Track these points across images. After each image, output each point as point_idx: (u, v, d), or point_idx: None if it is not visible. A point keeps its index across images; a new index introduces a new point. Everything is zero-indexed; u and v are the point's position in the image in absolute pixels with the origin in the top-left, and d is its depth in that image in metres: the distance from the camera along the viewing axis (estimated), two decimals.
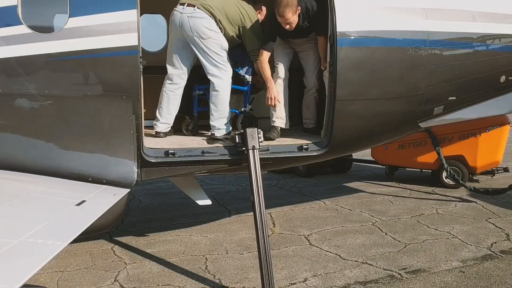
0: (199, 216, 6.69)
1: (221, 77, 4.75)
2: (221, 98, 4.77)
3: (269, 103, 4.91)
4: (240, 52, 5.17)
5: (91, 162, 3.92)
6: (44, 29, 3.84)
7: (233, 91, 5.16)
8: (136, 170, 4.08)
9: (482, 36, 5.01)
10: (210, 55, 4.69)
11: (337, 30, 4.44)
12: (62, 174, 3.83)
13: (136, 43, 3.98)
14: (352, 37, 4.49)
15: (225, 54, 4.79)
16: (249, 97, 5.38)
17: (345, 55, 4.47)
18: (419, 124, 5.07)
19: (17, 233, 1.90)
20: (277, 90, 4.93)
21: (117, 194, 3.46)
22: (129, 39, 3.96)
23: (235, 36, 4.92)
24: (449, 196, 7.57)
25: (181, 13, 4.67)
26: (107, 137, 3.98)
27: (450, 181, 7.99)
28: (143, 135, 4.22)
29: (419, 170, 8.83)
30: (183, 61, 4.90)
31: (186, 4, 4.68)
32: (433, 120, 5.08)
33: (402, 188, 8.30)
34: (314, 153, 4.71)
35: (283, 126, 5.08)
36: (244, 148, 4.37)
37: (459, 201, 7.23)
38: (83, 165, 3.89)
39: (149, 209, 7.28)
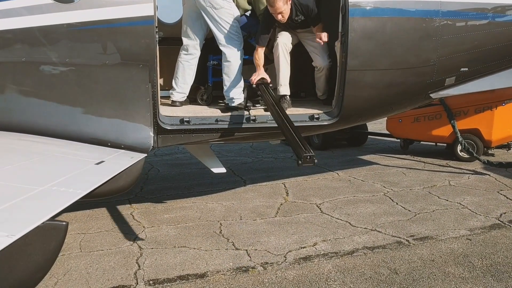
0: (215, 185, 6.90)
1: (233, 48, 4.86)
2: (233, 68, 4.88)
3: (252, 79, 4.86)
4: (254, 22, 5.25)
5: (110, 128, 4.11)
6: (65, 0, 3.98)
7: (246, 62, 5.27)
8: (153, 136, 4.27)
9: (496, 6, 4.98)
10: (222, 25, 4.79)
11: (349, 0, 4.49)
12: (83, 139, 4.04)
13: (152, 13, 4.11)
14: (364, 7, 4.53)
15: (237, 24, 4.89)
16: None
17: (356, 25, 4.53)
18: (430, 95, 5.11)
19: (42, 182, 2.10)
20: (263, 76, 4.88)
21: (134, 157, 3.65)
22: (145, 9, 4.09)
23: (245, 2, 5.00)
24: (462, 169, 7.61)
25: None
26: (125, 104, 4.16)
27: (464, 154, 8.02)
28: (159, 103, 4.38)
29: (434, 143, 8.87)
30: (197, 32, 5.03)
31: None
32: (445, 91, 5.12)
33: (416, 161, 8.36)
34: (325, 123, 4.82)
35: (288, 93, 5.16)
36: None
37: (472, 174, 7.27)
38: (102, 130, 4.09)
39: (167, 178, 7.52)
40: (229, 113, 4.78)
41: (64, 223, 2.20)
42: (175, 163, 8.68)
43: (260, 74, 4.87)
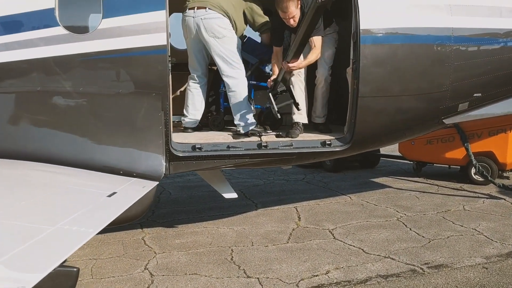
0: (226, 209, 6.87)
1: (236, 77, 4.92)
2: (239, 97, 4.92)
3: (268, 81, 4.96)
4: (265, 49, 5.30)
5: (123, 156, 4.14)
6: (79, 30, 4.06)
7: (259, 88, 5.30)
8: (164, 164, 4.28)
9: (509, 31, 4.96)
10: (226, 54, 4.85)
11: (360, 27, 4.51)
12: (96, 167, 4.06)
13: (165, 43, 4.17)
14: (376, 35, 4.54)
15: (239, 52, 4.97)
16: None
17: (368, 52, 4.53)
18: (443, 120, 5.08)
19: (54, 221, 2.11)
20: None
21: (146, 186, 3.66)
22: (158, 39, 4.15)
23: (243, 24, 5.08)
24: (477, 192, 7.51)
25: (193, 17, 4.84)
26: (138, 133, 4.19)
27: (479, 177, 7.91)
28: (171, 130, 4.41)
29: (447, 166, 8.77)
30: (201, 63, 5.17)
31: (196, 7, 4.84)
32: (458, 116, 5.09)
33: (429, 184, 8.26)
34: (337, 149, 4.80)
35: (304, 121, 5.17)
36: None
37: (487, 198, 7.16)
38: (115, 159, 4.12)
39: (178, 202, 7.51)
40: (241, 139, 4.79)
41: (75, 269, 2.19)
42: (186, 186, 8.68)
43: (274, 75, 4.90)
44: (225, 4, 4.87)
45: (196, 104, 5.16)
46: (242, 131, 4.96)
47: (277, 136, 4.90)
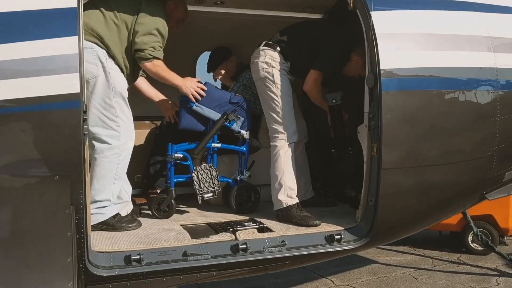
0: None
1: (109, 141, 3.11)
2: (100, 171, 3.11)
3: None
4: (228, 98, 3.73)
5: None
6: None
7: (225, 152, 3.70)
8: None
9: None
10: (96, 105, 3.06)
11: (381, 67, 3.05)
12: None
13: (78, 90, 2.45)
14: (402, 77, 3.10)
15: (121, 102, 3.18)
16: (246, 159, 3.85)
17: (392, 102, 3.07)
18: (486, 195, 3.66)
19: None
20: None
21: None
22: (66, 84, 2.44)
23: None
24: (482, 267, 6.17)
25: None
26: (27, 247, 2.39)
27: (477, 246, 6.64)
28: (89, 234, 2.62)
29: (438, 231, 7.45)
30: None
31: None
32: (504, 189, 3.70)
33: (420, 255, 6.85)
34: (350, 246, 3.20)
35: (297, 200, 3.59)
36: None
37: (498, 276, 5.84)
38: None
39: None
40: (205, 239, 3.03)
41: None
42: None
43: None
44: (100, 26, 3.11)
45: (114, 182, 3.13)
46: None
47: (259, 230, 3.21)
